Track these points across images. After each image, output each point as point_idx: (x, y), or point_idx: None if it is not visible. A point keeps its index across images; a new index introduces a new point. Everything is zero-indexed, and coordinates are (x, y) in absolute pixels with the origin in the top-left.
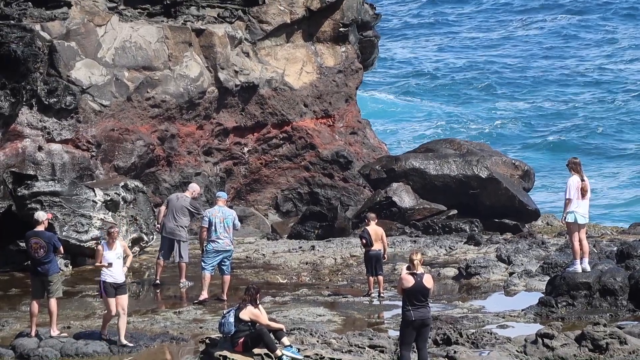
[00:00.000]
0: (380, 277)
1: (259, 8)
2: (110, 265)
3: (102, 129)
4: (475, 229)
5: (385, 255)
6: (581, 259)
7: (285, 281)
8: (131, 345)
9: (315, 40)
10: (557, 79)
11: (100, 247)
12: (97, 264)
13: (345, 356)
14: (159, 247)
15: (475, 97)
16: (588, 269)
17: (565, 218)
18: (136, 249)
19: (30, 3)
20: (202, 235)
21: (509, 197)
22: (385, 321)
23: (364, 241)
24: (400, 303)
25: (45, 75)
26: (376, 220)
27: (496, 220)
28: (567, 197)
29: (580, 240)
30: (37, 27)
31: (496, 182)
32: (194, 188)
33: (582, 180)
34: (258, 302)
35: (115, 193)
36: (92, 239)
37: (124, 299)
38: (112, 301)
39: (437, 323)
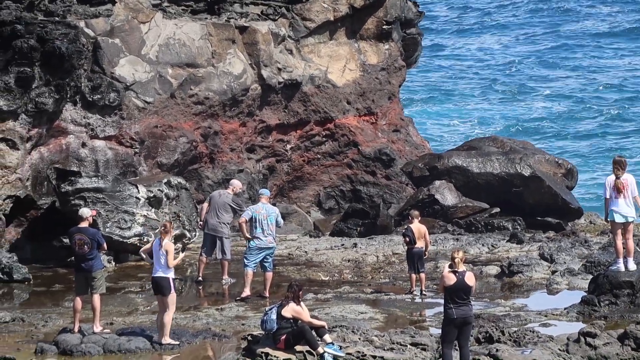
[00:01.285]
0: (423, 275)
1: (302, 5)
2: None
3: (146, 125)
4: (518, 227)
5: (427, 252)
6: (626, 258)
7: (327, 278)
8: (175, 342)
9: (359, 38)
10: None
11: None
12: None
13: (387, 354)
14: (201, 244)
15: None
16: (633, 268)
17: (606, 217)
18: (179, 245)
19: (74, 0)
20: (243, 227)
21: (552, 195)
22: (427, 319)
23: (407, 239)
24: (442, 301)
25: (89, 72)
26: (419, 218)
27: (539, 218)
28: (605, 196)
29: (626, 239)
30: (82, 24)
31: (539, 180)
32: (236, 184)
33: (617, 178)
34: (300, 300)
35: (158, 190)
36: (135, 236)
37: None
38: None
39: (479, 321)
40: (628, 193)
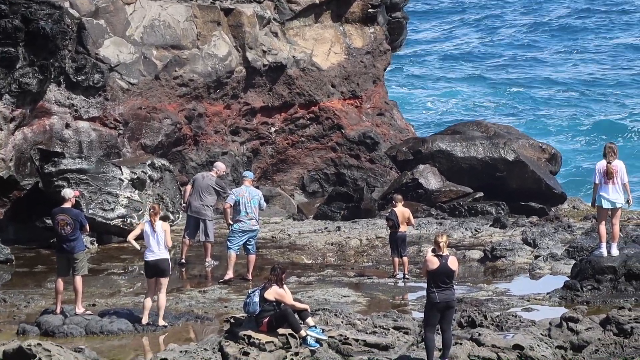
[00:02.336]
0: (406, 259)
1: None
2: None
3: (130, 107)
4: (501, 211)
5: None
6: (609, 243)
7: (310, 262)
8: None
9: (344, 21)
10: None
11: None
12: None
13: (369, 337)
14: (184, 226)
15: None
16: (616, 253)
17: (594, 202)
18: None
19: None
20: (227, 212)
21: (536, 180)
22: (410, 303)
23: (391, 223)
24: (425, 285)
25: (73, 52)
26: (402, 202)
27: (522, 203)
28: (594, 181)
29: (612, 225)
30: (66, 4)
31: (523, 165)
32: (220, 167)
33: (609, 163)
34: (283, 282)
35: (142, 171)
36: (118, 217)
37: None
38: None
39: (461, 305)
40: (618, 179)
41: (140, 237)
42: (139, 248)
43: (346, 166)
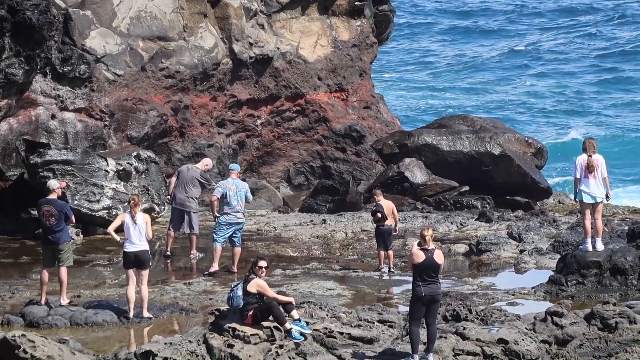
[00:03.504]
0: (391, 252)
1: None
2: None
3: (116, 98)
4: (487, 205)
5: (397, 229)
6: (594, 238)
7: (295, 254)
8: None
9: (331, 14)
10: None
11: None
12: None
13: (354, 330)
14: (169, 218)
15: None
16: (601, 248)
17: (575, 197)
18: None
19: None
20: (214, 205)
21: (521, 174)
22: (395, 296)
23: (379, 215)
24: (410, 278)
25: (59, 43)
26: (383, 196)
27: (508, 197)
28: (574, 176)
29: (595, 220)
30: None
31: (508, 159)
32: (207, 162)
33: (589, 157)
34: (257, 274)
35: (128, 163)
36: (104, 209)
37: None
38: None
39: (446, 299)
40: (598, 173)
41: (120, 229)
42: (118, 239)
43: (332, 159)
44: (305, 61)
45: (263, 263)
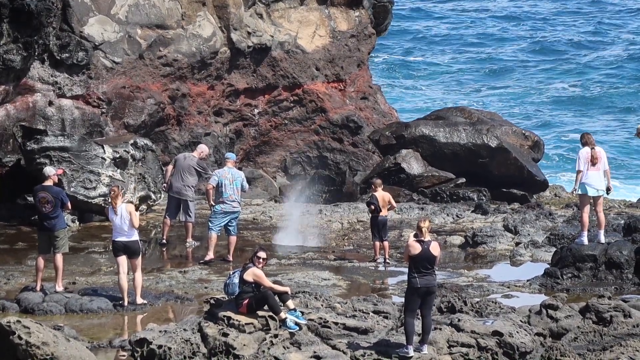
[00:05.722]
0: (386, 243)
1: None
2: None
3: (113, 86)
4: (483, 198)
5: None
6: (598, 230)
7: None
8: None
9: (329, 4)
10: None
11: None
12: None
13: (349, 321)
14: (166, 206)
15: None
16: (603, 240)
17: (576, 190)
18: (144, 207)
19: None
20: (210, 193)
21: (518, 167)
22: (390, 287)
23: (373, 207)
24: (405, 269)
25: (58, 30)
26: (382, 187)
27: (504, 189)
28: (577, 168)
29: (597, 212)
30: None
31: (505, 152)
32: (203, 149)
33: (592, 149)
34: (256, 264)
35: (125, 150)
36: (100, 196)
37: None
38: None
39: (442, 291)
40: (601, 165)
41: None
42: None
43: (329, 149)
44: (303, 51)
45: (263, 254)
